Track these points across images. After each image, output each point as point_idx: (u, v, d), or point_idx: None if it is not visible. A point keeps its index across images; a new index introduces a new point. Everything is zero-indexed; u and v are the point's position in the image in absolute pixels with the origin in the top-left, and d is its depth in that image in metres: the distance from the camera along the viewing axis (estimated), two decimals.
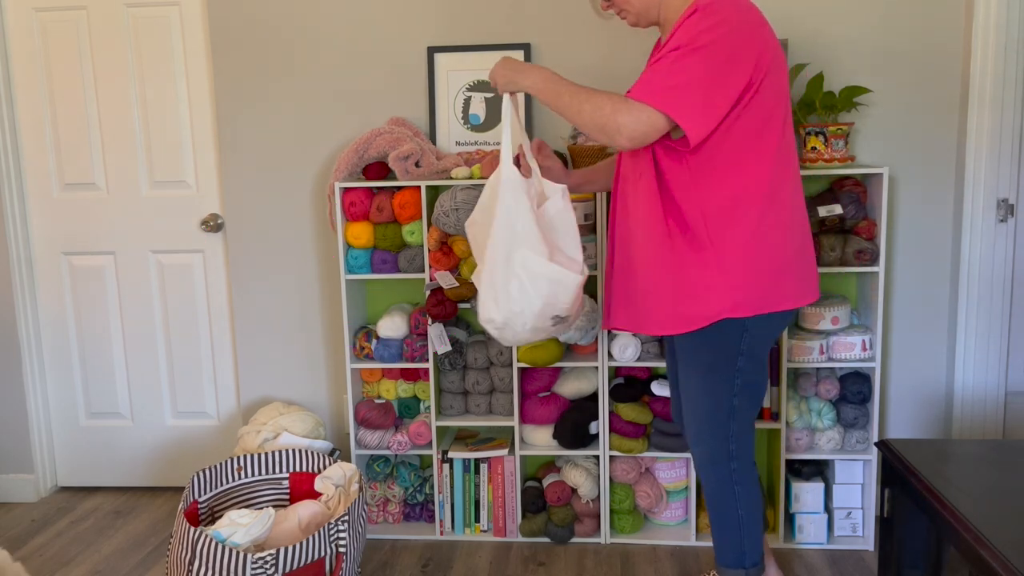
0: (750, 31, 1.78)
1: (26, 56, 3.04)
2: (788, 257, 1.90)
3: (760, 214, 1.85)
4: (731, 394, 1.99)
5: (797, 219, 1.93)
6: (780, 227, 1.88)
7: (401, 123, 2.80)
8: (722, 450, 2.04)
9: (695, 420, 2.05)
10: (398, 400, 2.87)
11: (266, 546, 2.24)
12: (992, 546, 1.52)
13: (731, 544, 2.09)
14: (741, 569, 2.09)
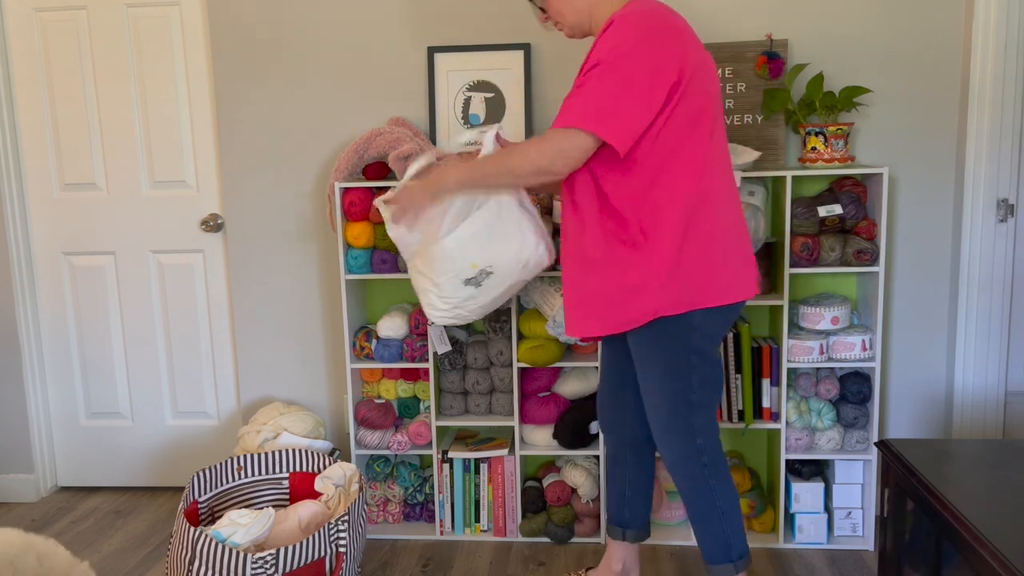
0: (663, 40, 1.83)
1: (26, 56, 3.05)
2: (723, 253, 1.95)
3: (692, 213, 1.90)
4: (690, 391, 2.01)
5: (731, 216, 1.98)
6: (713, 225, 1.93)
7: (401, 123, 2.80)
8: (690, 447, 2.05)
9: (659, 422, 2.07)
10: (398, 400, 2.88)
11: (266, 546, 2.24)
12: (992, 546, 1.53)
13: (716, 539, 2.09)
14: (729, 563, 2.09)
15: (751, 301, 2.58)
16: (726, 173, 1.98)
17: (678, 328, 1.95)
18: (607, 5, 1.99)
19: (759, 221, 2.51)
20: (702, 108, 1.89)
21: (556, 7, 2.04)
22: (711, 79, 1.93)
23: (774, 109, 2.61)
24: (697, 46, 1.91)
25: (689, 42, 1.88)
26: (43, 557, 1.79)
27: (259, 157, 2.95)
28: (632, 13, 1.87)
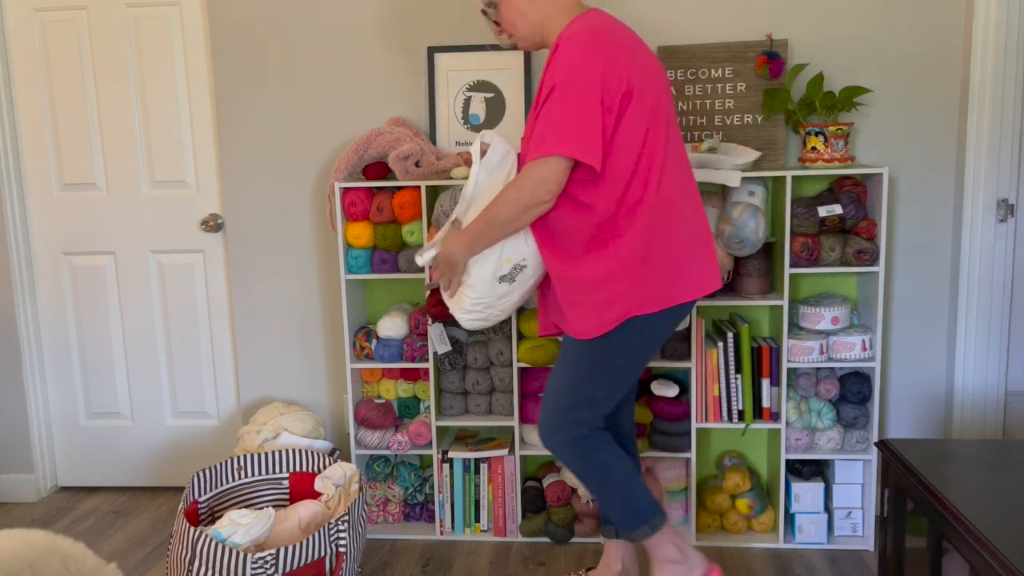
0: (609, 56, 1.89)
1: (26, 56, 3.05)
2: (686, 251, 2.01)
3: (656, 216, 1.96)
4: (597, 389, 2.07)
5: (691, 215, 2.03)
6: (676, 225, 1.99)
7: (401, 123, 2.80)
8: (574, 434, 2.09)
9: (552, 404, 2.11)
10: (398, 400, 2.88)
11: (266, 546, 2.24)
12: (992, 546, 1.53)
13: (624, 507, 2.12)
14: (645, 525, 2.12)
15: (751, 301, 2.58)
16: (684, 173, 2.05)
17: (622, 328, 1.99)
18: (558, 19, 2.04)
19: (759, 221, 2.51)
20: (654, 113, 1.95)
21: (509, 20, 2.09)
22: (660, 84, 2.00)
23: (774, 109, 2.61)
24: (644, 54, 1.98)
25: (634, 53, 1.95)
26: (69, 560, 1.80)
27: (259, 157, 2.95)
28: (577, 32, 1.92)
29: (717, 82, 2.70)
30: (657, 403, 2.66)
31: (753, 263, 2.61)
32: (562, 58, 1.91)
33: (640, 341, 2.04)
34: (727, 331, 2.61)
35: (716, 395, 2.63)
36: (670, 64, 2.71)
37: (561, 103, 1.88)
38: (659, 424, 2.66)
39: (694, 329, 2.59)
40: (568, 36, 1.94)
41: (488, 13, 2.13)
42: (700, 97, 2.71)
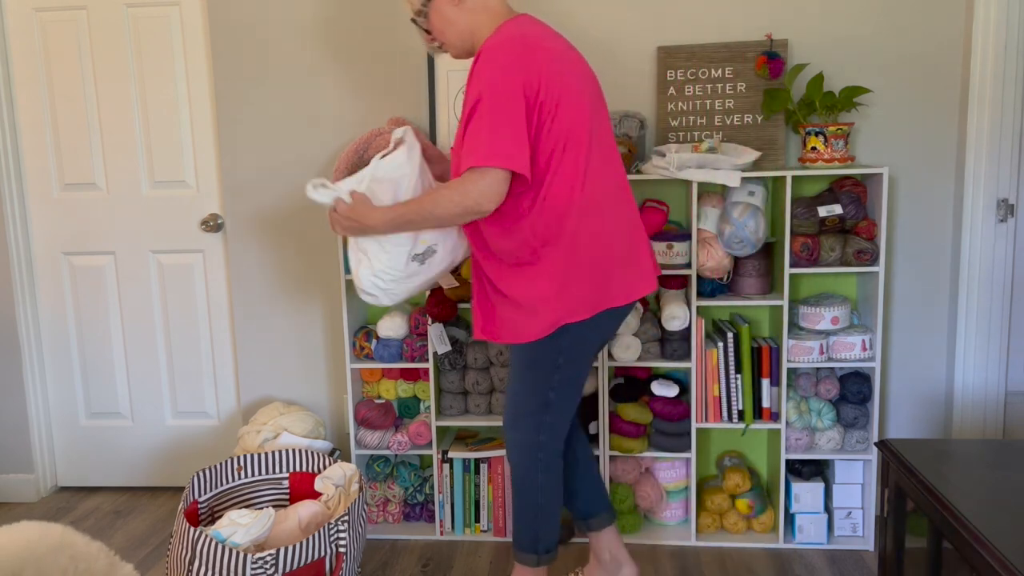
0: (524, 64, 1.90)
1: (26, 56, 3.05)
2: (608, 261, 2.02)
3: (579, 222, 1.98)
4: (548, 388, 2.09)
5: (618, 220, 2.04)
6: (600, 231, 2.00)
7: (401, 123, 2.80)
8: (532, 440, 2.13)
9: (512, 407, 2.16)
10: (398, 400, 2.88)
11: (266, 546, 2.24)
12: (992, 546, 1.53)
13: (527, 529, 2.19)
14: (534, 554, 2.20)
15: (751, 301, 2.58)
16: (612, 177, 2.05)
17: (554, 334, 2.02)
18: (487, 27, 2.04)
19: (759, 221, 2.51)
20: (575, 119, 1.96)
21: (439, 29, 2.10)
22: (584, 88, 1.99)
23: (774, 109, 2.61)
24: (569, 58, 1.99)
25: (557, 58, 1.95)
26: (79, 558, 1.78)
27: (259, 157, 2.95)
28: (496, 44, 1.93)
29: (717, 82, 2.70)
30: (657, 403, 2.66)
31: (753, 263, 2.61)
32: (484, 67, 1.91)
33: (576, 344, 2.06)
34: (727, 331, 2.61)
35: (716, 395, 2.63)
36: (670, 64, 2.71)
37: (491, 114, 1.88)
38: (659, 424, 2.66)
39: (694, 329, 2.59)
40: (490, 45, 1.93)
41: (418, 22, 2.13)
42: (700, 97, 2.71)
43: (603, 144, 2.04)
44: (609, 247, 2.02)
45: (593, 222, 1.99)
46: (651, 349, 2.64)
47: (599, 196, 2.00)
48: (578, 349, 2.07)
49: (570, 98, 1.96)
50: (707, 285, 2.62)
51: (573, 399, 2.14)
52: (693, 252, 2.56)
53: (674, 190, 2.78)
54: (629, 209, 2.09)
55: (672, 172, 2.49)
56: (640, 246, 2.10)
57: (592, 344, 2.10)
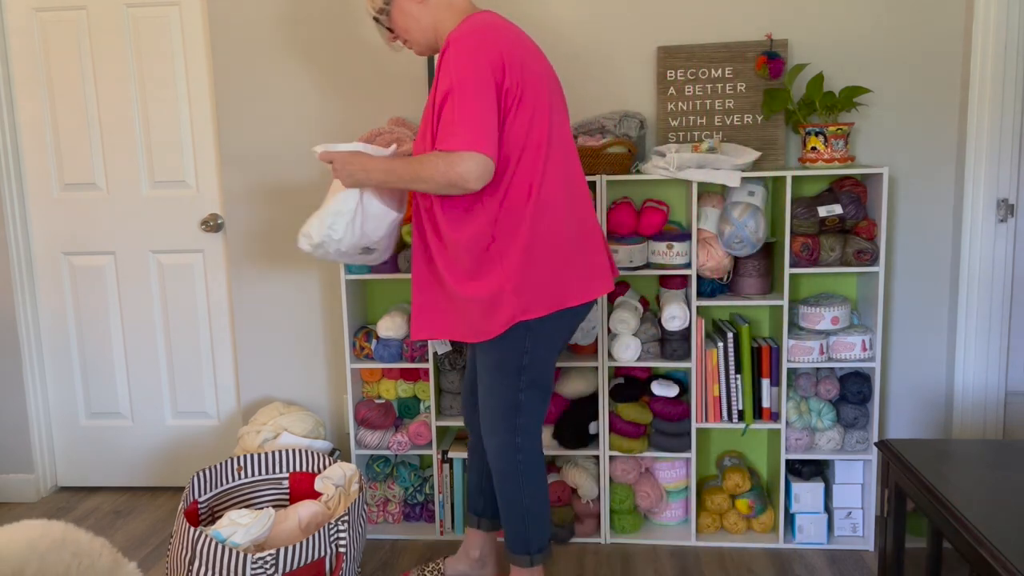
0: (491, 55, 1.91)
1: (26, 56, 3.04)
2: (570, 256, 2.04)
3: (536, 219, 1.99)
4: (517, 390, 2.11)
5: (576, 219, 2.06)
6: (558, 228, 2.01)
7: (401, 123, 2.80)
8: (509, 443, 2.15)
9: (487, 415, 2.17)
10: (398, 400, 2.88)
11: (266, 546, 2.24)
12: (992, 546, 1.53)
13: (517, 532, 2.21)
14: (527, 555, 2.22)
15: (751, 301, 2.58)
16: (571, 174, 2.07)
17: (516, 329, 2.03)
18: (449, 22, 2.06)
19: (759, 221, 2.51)
20: (536, 112, 1.98)
21: (402, 26, 2.10)
22: (545, 82, 2.02)
23: (774, 109, 2.61)
24: (531, 53, 2.01)
25: (521, 51, 1.97)
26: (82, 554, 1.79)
27: (259, 157, 2.95)
28: (463, 35, 1.93)
29: (717, 82, 2.69)
30: (657, 403, 2.66)
31: (753, 263, 2.61)
32: (453, 56, 1.92)
33: (539, 343, 2.07)
34: (727, 331, 2.61)
35: (716, 395, 2.63)
36: (670, 64, 2.71)
37: (466, 102, 1.89)
38: (659, 424, 2.66)
39: (694, 329, 2.59)
40: (455, 39, 1.93)
41: (380, 20, 2.13)
42: (700, 97, 2.71)
43: (563, 142, 2.06)
44: (565, 245, 2.03)
45: (550, 218, 2.01)
46: (651, 349, 2.64)
47: (557, 193, 2.02)
48: (541, 349, 2.08)
49: (533, 87, 1.98)
50: (707, 285, 2.62)
51: (543, 400, 2.16)
52: (693, 252, 2.56)
53: (674, 190, 2.78)
54: (586, 209, 2.10)
55: (672, 172, 2.49)
56: (596, 247, 2.11)
57: (554, 343, 2.11)
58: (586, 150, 2.57)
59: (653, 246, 2.60)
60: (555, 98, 2.06)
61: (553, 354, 2.13)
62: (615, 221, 2.61)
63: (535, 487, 2.19)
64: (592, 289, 2.09)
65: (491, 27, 1.96)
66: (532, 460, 2.17)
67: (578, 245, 2.06)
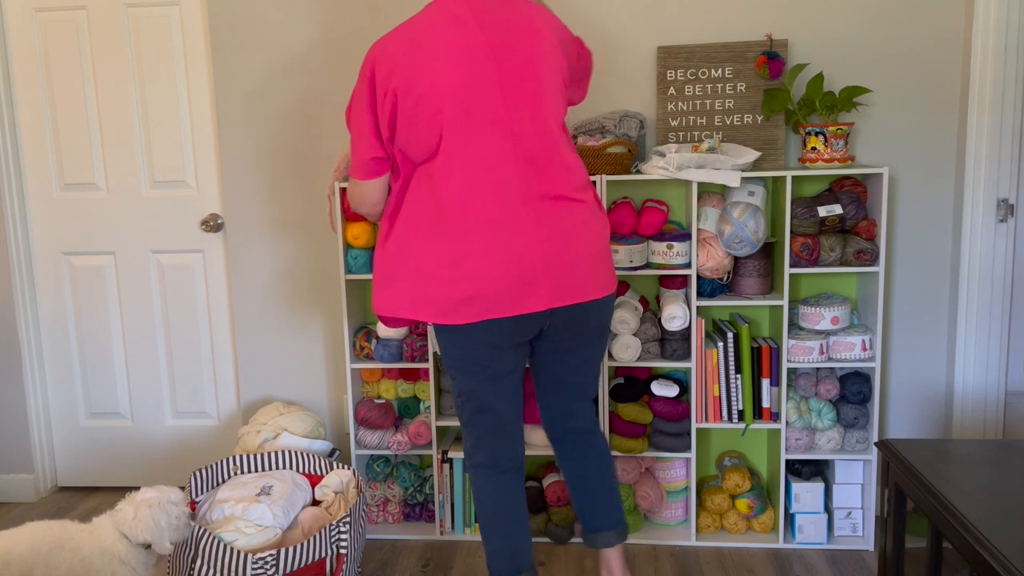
0: (363, 78, 1.93)
1: (26, 56, 3.05)
2: (399, 272, 1.99)
3: (392, 226, 2.01)
4: (454, 382, 2.09)
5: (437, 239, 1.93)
6: (405, 242, 1.97)
7: None
8: (465, 447, 2.16)
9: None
10: (398, 400, 2.88)
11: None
12: (992, 546, 1.53)
13: (485, 545, 2.13)
14: (489, 571, 2.13)
15: (751, 301, 2.58)
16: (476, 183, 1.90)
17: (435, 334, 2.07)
18: None
19: (759, 221, 2.52)
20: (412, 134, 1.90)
21: None
22: (427, 104, 1.87)
23: (774, 109, 2.61)
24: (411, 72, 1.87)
25: (422, 48, 1.87)
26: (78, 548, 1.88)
27: (259, 157, 2.95)
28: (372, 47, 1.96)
29: (717, 82, 2.70)
30: (657, 403, 2.66)
31: (753, 263, 2.61)
32: None
33: (443, 346, 2.04)
34: (727, 331, 2.61)
35: (716, 395, 2.63)
36: (670, 64, 2.71)
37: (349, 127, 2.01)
38: (659, 424, 2.66)
39: (694, 329, 2.59)
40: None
41: None
42: (700, 97, 2.71)
43: (473, 142, 1.89)
44: (435, 259, 1.92)
45: (403, 230, 1.97)
46: (651, 349, 2.64)
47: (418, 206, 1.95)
48: (452, 353, 2.02)
49: (419, 93, 1.87)
50: (707, 285, 2.62)
51: (469, 413, 2.09)
52: (693, 252, 2.56)
53: (674, 190, 2.78)
54: (495, 217, 1.90)
55: (672, 172, 2.49)
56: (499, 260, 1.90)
57: (452, 355, 2.02)
58: (586, 150, 2.57)
59: (653, 246, 2.60)
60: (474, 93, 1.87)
61: (462, 368, 2.03)
62: (615, 221, 2.61)
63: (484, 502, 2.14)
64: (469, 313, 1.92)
65: (397, 32, 1.92)
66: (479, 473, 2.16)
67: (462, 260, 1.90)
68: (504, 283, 1.90)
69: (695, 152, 2.52)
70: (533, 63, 1.91)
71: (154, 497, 2.01)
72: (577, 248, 1.95)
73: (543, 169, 1.93)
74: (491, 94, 1.88)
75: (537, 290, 1.91)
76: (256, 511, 2.24)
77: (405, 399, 2.87)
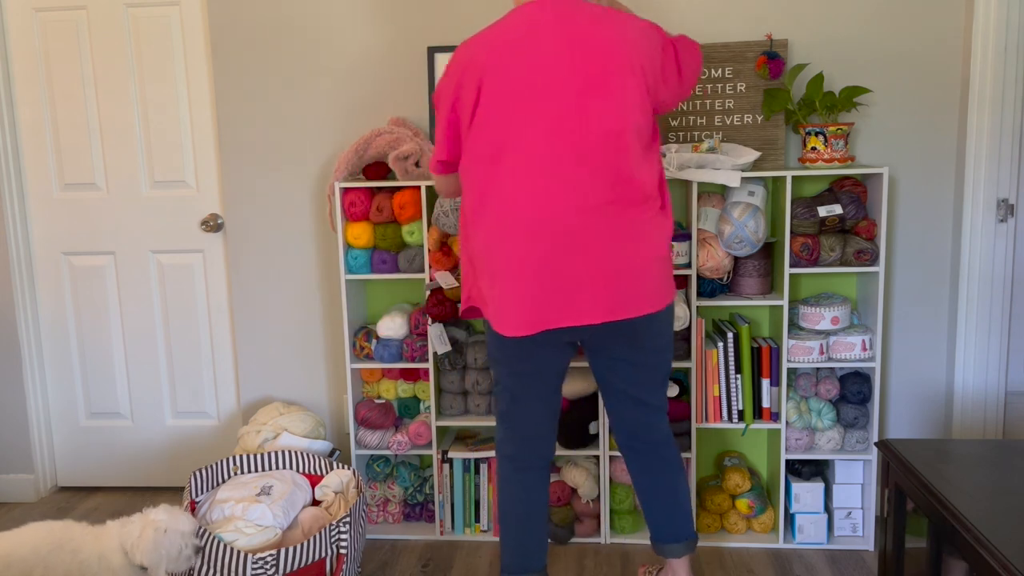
0: (449, 77, 1.99)
1: (26, 56, 3.05)
2: (480, 275, 2.01)
3: (466, 230, 2.02)
4: (495, 380, 2.13)
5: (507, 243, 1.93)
6: (479, 245, 1.98)
7: (401, 123, 2.80)
8: (496, 436, 2.19)
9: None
10: (398, 400, 2.88)
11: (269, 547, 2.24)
12: (992, 546, 1.53)
13: (501, 541, 2.17)
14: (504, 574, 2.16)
15: (751, 301, 2.58)
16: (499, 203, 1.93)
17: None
18: None
19: (759, 221, 2.51)
20: (480, 135, 1.93)
21: None
22: (490, 110, 1.91)
23: (774, 109, 2.61)
24: (482, 79, 1.91)
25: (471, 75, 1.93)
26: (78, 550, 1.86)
27: (259, 157, 2.95)
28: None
29: (717, 82, 2.70)
30: None
31: (753, 263, 2.61)
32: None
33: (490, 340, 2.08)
34: (727, 331, 2.61)
35: (716, 395, 2.63)
36: None
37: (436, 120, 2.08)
38: None
39: (694, 329, 2.59)
40: None
41: None
42: (700, 97, 2.71)
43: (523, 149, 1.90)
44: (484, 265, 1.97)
45: (475, 233, 1.98)
46: None
47: (483, 209, 1.96)
48: (492, 347, 2.07)
49: (485, 108, 1.92)
50: (707, 285, 2.62)
51: (512, 404, 2.09)
52: (693, 252, 2.56)
53: (674, 190, 2.78)
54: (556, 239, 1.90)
55: (672, 172, 2.49)
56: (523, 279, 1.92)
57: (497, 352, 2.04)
58: None
59: None
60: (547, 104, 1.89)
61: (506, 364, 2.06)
62: None
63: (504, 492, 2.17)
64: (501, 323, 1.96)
65: (466, 48, 1.98)
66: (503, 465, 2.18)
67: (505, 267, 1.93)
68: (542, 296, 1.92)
69: (695, 152, 2.52)
70: (607, 74, 1.90)
71: (164, 521, 1.97)
72: (627, 262, 1.93)
73: (605, 179, 1.91)
74: (564, 101, 1.89)
75: (578, 304, 1.92)
76: (256, 511, 2.24)
77: (405, 399, 2.87)
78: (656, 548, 2.25)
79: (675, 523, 2.20)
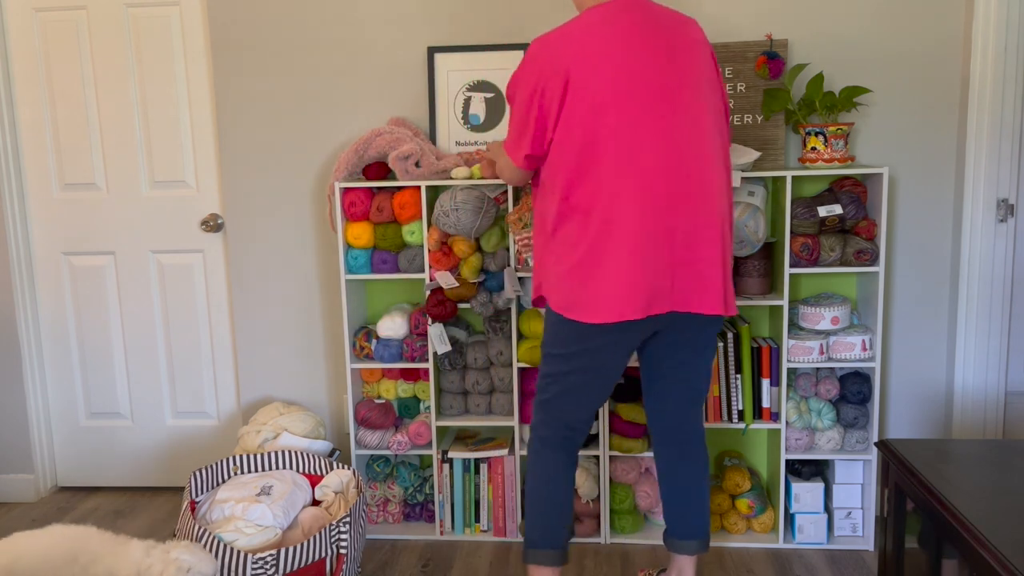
0: (531, 71, 2.00)
1: (26, 56, 3.05)
2: (566, 270, 2.01)
3: (557, 225, 2.02)
4: (545, 367, 2.13)
5: (586, 241, 1.97)
6: (572, 240, 1.99)
7: (401, 123, 2.80)
8: (533, 419, 2.19)
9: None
10: (398, 400, 2.88)
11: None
12: (992, 546, 1.53)
13: (528, 521, 2.18)
14: (529, 550, 2.17)
15: (751, 301, 2.58)
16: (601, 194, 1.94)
17: (547, 315, 2.11)
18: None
19: (759, 221, 2.51)
20: (569, 134, 1.95)
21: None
22: (581, 106, 1.93)
23: (774, 109, 2.61)
24: (571, 75, 1.93)
25: (555, 71, 1.95)
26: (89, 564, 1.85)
27: (259, 157, 2.95)
28: (529, 50, 2.04)
29: None
30: None
31: (753, 263, 2.61)
32: (515, 72, 2.09)
33: (556, 336, 2.06)
34: (727, 331, 2.61)
35: (716, 395, 2.63)
36: None
37: (512, 109, 2.09)
38: None
39: None
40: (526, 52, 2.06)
41: None
42: None
43: (616, 153, 1.93)
44: (579, 260, 1.97)
45: (568, 228, 2.00)
46: None
47: (579, 202, 1.97)
48: (564, 339, 2.05)
49: (572, 107, 1.94)
50: None
51: (562, 393, 2.10)
52: None
53: None
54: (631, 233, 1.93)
55: None
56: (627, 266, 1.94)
57: (569, 344, 2.04)
58: None
59: None
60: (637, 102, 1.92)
61: (574, 359, 2.05)
62: None
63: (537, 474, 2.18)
64: (596, 313, 1.96)
65: (543, 45, 1.99)
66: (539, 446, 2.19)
67: (595, 263, 1.96)
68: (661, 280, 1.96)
69: None
70: (695, 70, 1.98)
71: (187, 561, 1.94)
72: (729, 259, 2.04)
73: (693, 178, 1.96)
74: (653, 99, 1.94)
75: (701, 292, 2.00)
76: (256, 511, 2.25)
77: (405, 399, 2.87)
78: (668, 543, 2.27)
79: (694, 520, 2.24)
